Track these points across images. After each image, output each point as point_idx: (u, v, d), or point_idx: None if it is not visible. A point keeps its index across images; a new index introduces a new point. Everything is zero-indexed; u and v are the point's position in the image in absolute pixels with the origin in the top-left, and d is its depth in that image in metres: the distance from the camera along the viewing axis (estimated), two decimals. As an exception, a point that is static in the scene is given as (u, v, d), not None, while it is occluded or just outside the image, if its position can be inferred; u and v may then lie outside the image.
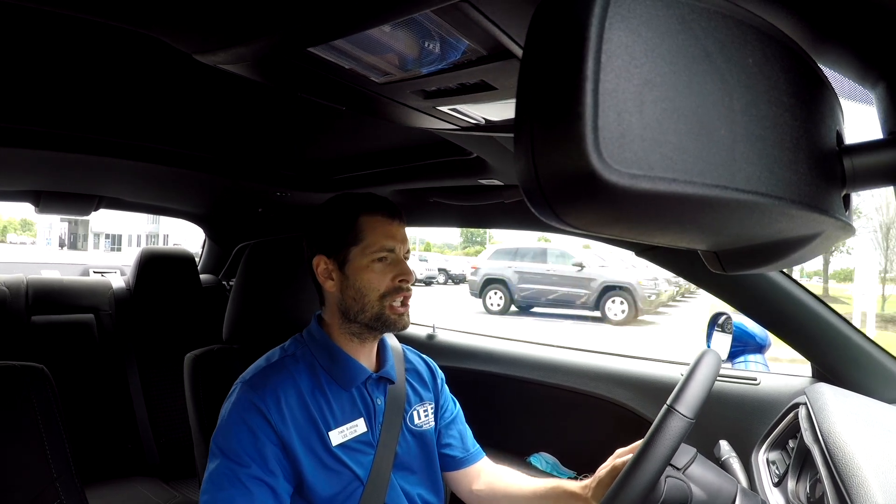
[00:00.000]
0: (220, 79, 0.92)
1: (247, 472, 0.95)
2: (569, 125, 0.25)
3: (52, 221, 26.64)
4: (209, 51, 0.69)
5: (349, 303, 1.08)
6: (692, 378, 0.83)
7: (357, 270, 1.07)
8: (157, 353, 2.36)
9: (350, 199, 1.12)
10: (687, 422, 0.79)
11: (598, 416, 1.77)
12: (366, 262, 1.07)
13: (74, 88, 1.09)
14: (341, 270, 1.08)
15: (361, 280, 1.07)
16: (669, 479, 0.85)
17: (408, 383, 1.22)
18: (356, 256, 1.07)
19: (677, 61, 0.27)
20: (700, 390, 0.82)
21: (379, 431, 1.11)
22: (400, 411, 1.16)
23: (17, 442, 1.20)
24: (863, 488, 0.75)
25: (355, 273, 1.07)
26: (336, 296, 1.10)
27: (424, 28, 0.59)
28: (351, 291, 1.07)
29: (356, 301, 1.07)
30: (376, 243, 1.07)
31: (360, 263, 1.07)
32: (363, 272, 1.07)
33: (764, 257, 0.37)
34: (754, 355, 1.72)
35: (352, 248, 1.07)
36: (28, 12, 0.77)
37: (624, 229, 0.31)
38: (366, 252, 1.07)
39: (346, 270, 1.08)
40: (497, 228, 2.26)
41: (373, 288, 1.07)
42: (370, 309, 1.07)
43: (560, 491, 1.13)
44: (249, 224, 2.66)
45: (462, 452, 1.28)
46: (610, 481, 1.01)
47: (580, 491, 1.08)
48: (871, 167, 0.36)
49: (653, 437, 0.80)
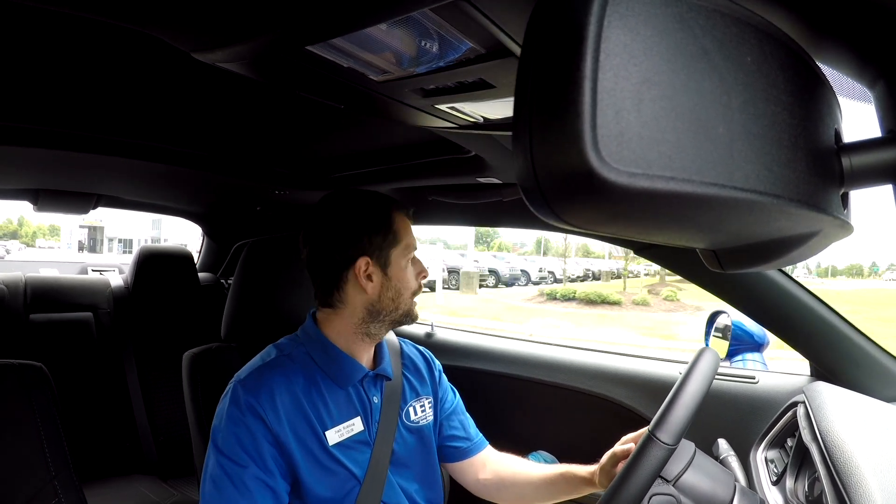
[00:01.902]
0: (219, 77, 0.91)
1: (247, 472, 0.95)
2: (567, 123, 0.25)
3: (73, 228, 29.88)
4: (207, 49, 0.69)
5: (385, 303, 1.08)
6: (677, 398, 0.80)
7: (398, 271, 1.08)
8: (155, 351, 2.36)
9: (382, 198, 1.11)
10: (667, 449, 0.78)
11: (596, 415, 1.77)
12: (404, 263, 1.08)
13: (73, 87, 1.09)
14: (384, 272, 1.07)
15: (401, 280, 1.08)
16: (655, 496, 0.84)
17: (404, 378, 1.22)
18: (398, 257, 1.08)
19: (675, 60, 0.26)
20: (684, 412, 0.79)
21: (376, 429, 1.11)
22: (396, 408, 1.15)
23: (15, 440, 1.20)
24: (861, 487, 0.75)
25: (397, 274, 1.08)
26: (371, 297, 1.07)
27: (423, 26, 0.59)
28: (391, 293, 1.07)
29: (393, 301, 1.08)
30: (410, 243, 1.09)
31: (400, 264, 1.08)
32: (402, 273, 1.08)
33: (762, 256, 0.37)
34: (752, 354, 1.72)
35: (393, 249, 1.07)
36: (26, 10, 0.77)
37: (622, 227, 0.31)
38: (404, 252, 1.08)
39: (388, 272, 1.07)
40: (496, 227, 2.26)
41: (408, 287, 1.09)
42: (403, 306, 1.09)
43: (569, 476, 1.14)
44: (248, 222, 2.66)
45: (466, 443, 1.28)
46: (610, 466, 1.05)
47: (588, 475, 1.10)
48: (869, 165, 0.36)
49: (630, 467, 0.78)
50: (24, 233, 34.56)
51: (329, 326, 1.11)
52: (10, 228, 34.34)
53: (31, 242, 35.69)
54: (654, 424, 0.80)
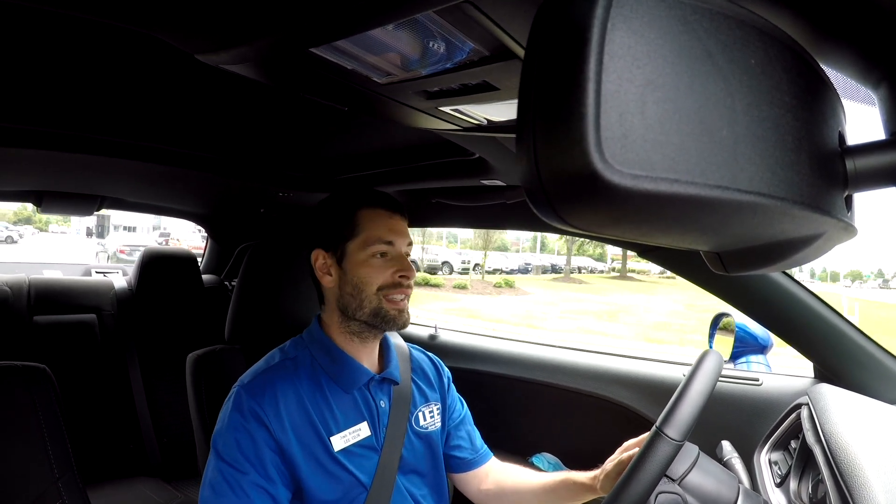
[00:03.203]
0: (223, 79, 0.92)
1: (246, 478, 0.94)
2: (571, 126, 0.25)
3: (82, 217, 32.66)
4: (211, 51, 0.69)
5: (347, 299, 1.06)
6: (684, 395, 0.80)
7: (355, 265, 1.05)
8: (159, 353, 2.36)
9: (349, 193, 1.11)
10: (675, 445, 0.77)
11: (600, 417, 1.77)
12: (364, 257, 1.05)
13: (77, 89, 1.10)
14: (339, 265, 1.06)
15: (359, 275, 1.05)
16: (662, 494, 0.84)
17: (413, 383, 1.20)
18: (354, 251, 1.05)
19: (679, 62, 0.27)
20: (691, 409, 0.79)
21: (383, 435, 1.08)
22: (405, 413, 1.13)
23: (19, 442, 1.20)
24: (865, 489, 0.75)
25: (353, 268, 1.05)
26: (334, 292, 1.08)
27: (426, 28, 0.59)
28: (349, 287, 1.05)
29: (354, 297, 1.05)
30: (374, 237, 1.05)
31: (359, 258, 1.05)
32: (361, 267, 1.05)
33: (766, 258, 0.37)
34: (756, 356, 1.71)
35: (349, 242, 1.05)
36: (31, 13, 0.78)
37: (626, 230, 0.31)
38: (364, 246, 1.05)
39: (344, 265, 1.06)
40: (499, 229, 2.26)
41: (370, 282, 1.04)
42: (368, 304, 1.05)
43: (570, 483, 1.12)
44: (251, 224, 2.66)
45: (472, 454, 1.27)
46: (615, 474, 1.01)
47: (589, 482, 1.07)
48: (873, 168, 0.36)
49: (638, 463, 0.78)
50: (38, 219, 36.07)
51: (327, 327, 1.11)
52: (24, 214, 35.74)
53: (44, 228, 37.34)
54: (661, 420, 0.79)
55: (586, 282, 28.13)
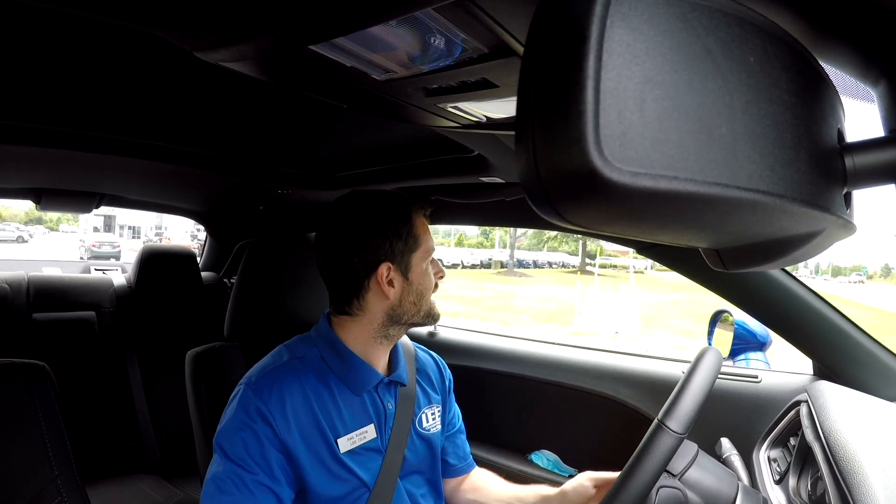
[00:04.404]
0: (222, 76, 0.91)
1: (251, 477, 0.93)
2: (570, 123, 0.25)
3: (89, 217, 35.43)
4: (210, 48, 0.69)
5: (407, 307, 1.05)
6: (685, 388, 0.81)
7: (420, 275, 1.05)
8: (158, 350, 2.36)
9: (400, 200, 1.07)
10: (677, 437, 0.77)
11: (599, 414, 1.77)
12: (424, 266, 1.06)
13: (76, 86, 1.09)
14: (405, 277, 1.04)
15: (422, 284, 1.05)
16: (663, 489, 0.84)
17: (418, 384, 1.19)
18: (418, 262, 1.05)
19: (678, 59, 0.27)
20: (692, 402, 0.79)
21: (388, 436, 1.08)
22: (410, 414, 1.13)
23: (17, 440, 1.20)
24: (864, 486, 0.75)
25: (418, 278, 1.05)
26: (392, 303, 1.04)
27: (426, 26, 0.59)
28: (413, 297, 1.05)
29: (415, 304, 1.05)
30: (430, 247, 1.07)
31: (421, 268, 1.05)
32: (423, 276, 1.06)
33: (765, 255, 0.37)
34: (755, 353, 1.72)
35: (414, 253, 1.04)
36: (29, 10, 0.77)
37: (625, 227, 0.31)
38: (425, 256, 1.06)
39: (409, 276, 1.04)
40: (498, 226, 2.26)
41: (430, 289, 1.07)
42: (424, 308, 1.07)
43: (540, 496, 1.15)
44: (251, 222, 2.66)
45: (461, 462, 1.29)
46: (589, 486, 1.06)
47: (557, 496, 1.11)
48: (872, 165, 0.36)
49: (640, 455, 0.78)
50: (49, 218, 36.72)
51: (345, 331, 1.08)
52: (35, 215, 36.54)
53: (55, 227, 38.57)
54: (663, 413, 0.80)
55: (528, 275, 31.56)
